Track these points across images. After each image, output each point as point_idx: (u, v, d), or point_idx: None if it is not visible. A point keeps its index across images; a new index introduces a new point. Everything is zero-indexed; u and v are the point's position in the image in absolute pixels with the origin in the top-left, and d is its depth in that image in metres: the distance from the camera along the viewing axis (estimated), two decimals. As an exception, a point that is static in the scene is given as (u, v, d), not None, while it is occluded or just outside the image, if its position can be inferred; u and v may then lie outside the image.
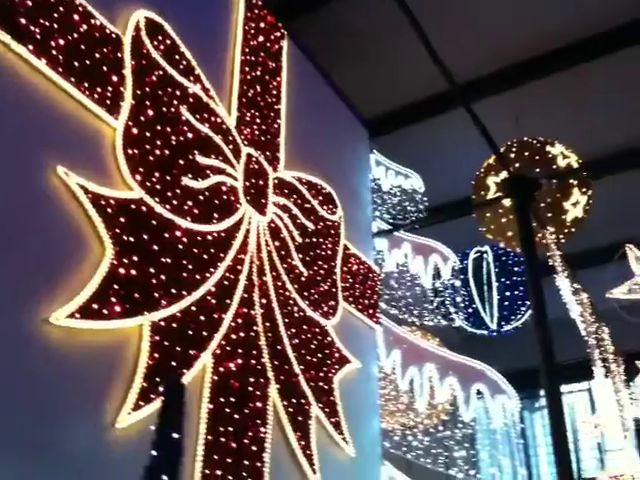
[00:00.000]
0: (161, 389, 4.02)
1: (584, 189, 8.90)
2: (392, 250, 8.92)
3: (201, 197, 5.65)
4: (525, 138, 9.15)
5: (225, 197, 5.98)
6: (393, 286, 8.70)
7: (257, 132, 6.78)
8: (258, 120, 6.84)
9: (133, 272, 4.84)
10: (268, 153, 6.85)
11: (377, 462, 7.43)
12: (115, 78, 5.18)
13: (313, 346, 6.75)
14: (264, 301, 6.21)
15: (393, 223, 9.07)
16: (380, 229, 9.01)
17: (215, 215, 5.79)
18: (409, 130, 10.51)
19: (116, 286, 4.69)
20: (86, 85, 4.91)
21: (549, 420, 6.90)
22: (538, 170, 8.49)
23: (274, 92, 7.25)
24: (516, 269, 10.54)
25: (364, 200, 9.01)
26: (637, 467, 10.97)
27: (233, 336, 5.65)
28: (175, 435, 3.57)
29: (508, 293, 10.51)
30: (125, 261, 4.81)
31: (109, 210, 4.84)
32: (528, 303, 9.85)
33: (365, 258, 8.39)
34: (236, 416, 5.41)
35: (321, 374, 6.75)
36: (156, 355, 4.83)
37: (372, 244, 8.81)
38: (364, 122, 9.52)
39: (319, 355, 6.81)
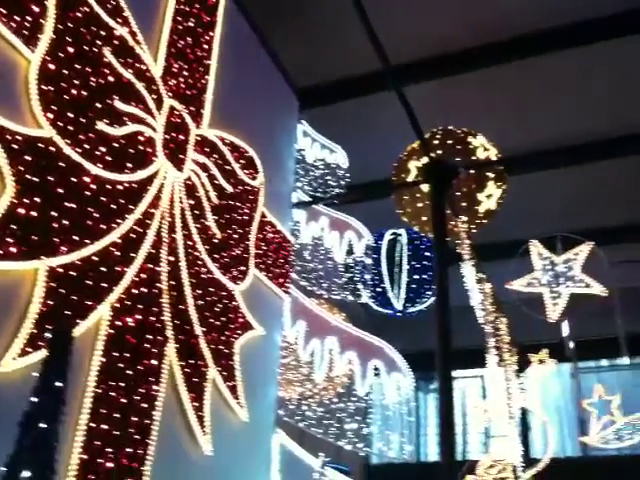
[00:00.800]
0: (48, 335, 3.88)
1: (499, 183, 9.16)
2: (309, 222, 8.95)
3: (115, 144, 5.46)
4: (450, 127, 9.32)
5: (141, 147, 5.80)
6: (306, 258, 8.74)
7: (183, 85, 6.59)
8: (185, 73, 6.66)
9: (33, 214, 4.64)
10: (192, 108, 6.69)
11: (270, 429, 7.50)
12: (36, 9, 4.92)
13: (217, 309, 6.70)
14: (171, 259, 6.09)
15: (313, 196, 9.09)
16: (300, 200, 9.01)
17: (128, 165, 5.61)
18: (339, 106, 10.51)
19: (14, 226, 4.48)
20: (3, 11, 4.64)
21: (439, 401, 7.11)
22: (458, 159, 8.67)
23: (205, 46, 7.06)
24: (427, 254, 10.79)
25: (287, 169, 8.98)
26: (518, 453, 11.57)
27: (134, 291, 5.53)
28: (58, 384, 3.48)
29: (416, 276, 10.75)
30: (26, 201, 4.60)
31: (14, 146, 4.61)
32: (433, 288, 10.11)
33: (281, 227, 8.38)
34: (129, 372, 5.31)
35: (223, 337, 6.72)
36: (50, 302, 4.67)
37: (290, 214, 8.80)
38: (295, 91, 9.44)
39: (223, 319, 6.77)
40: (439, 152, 8.96)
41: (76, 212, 4.97)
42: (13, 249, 4.46)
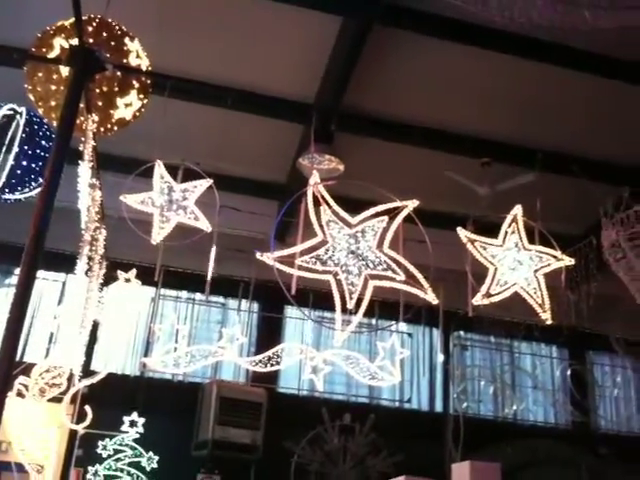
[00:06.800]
0: None
1: (142, 95, 8.82)
2: None
3: None
4: (110, 20, 8.66)
5: None
6: None
7: None
8: None
9: None
10: None
11: None
12: None
13: None
14: None
15: None
16: None
17: None
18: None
19: None
20: None
21: (14, 298, 6.56)
22: (108, 55, 8.08)
23: None
24: (44, 142, 9.87)
25: None
26: (79, 363, 11.56)
27: None
28: None
29: (25, 163, 9.75)
30: None
31: None
32: (41, 180, 9.35)
33: None
34: None
35: None
36: None
37: None
38: None
39: None
40: (91, 40, 8.25)
41: None
42: None
